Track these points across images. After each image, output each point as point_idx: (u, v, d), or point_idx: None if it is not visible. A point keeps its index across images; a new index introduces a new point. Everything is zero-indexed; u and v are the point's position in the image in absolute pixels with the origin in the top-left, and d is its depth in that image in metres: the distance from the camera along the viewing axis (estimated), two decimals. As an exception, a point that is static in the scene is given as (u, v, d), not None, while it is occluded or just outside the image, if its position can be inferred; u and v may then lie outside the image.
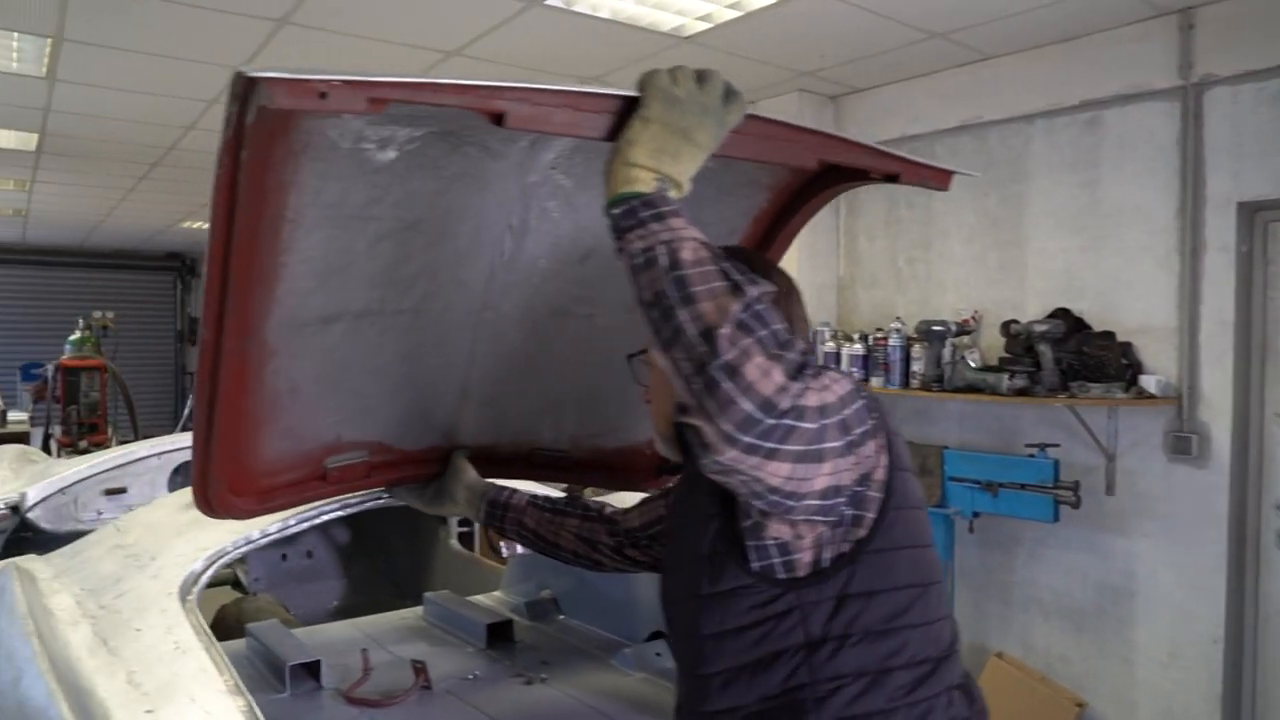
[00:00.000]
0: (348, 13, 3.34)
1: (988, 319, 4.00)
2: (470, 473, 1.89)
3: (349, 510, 2.00)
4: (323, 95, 0.93)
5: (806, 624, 1.13)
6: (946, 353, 3.86)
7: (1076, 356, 3.51)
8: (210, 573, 1.75)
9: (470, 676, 2.05)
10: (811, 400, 0.98)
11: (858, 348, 4.14)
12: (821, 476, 1.03)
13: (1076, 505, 3.52)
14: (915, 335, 3.97)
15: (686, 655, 1.26)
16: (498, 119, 1.05)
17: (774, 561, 1.14)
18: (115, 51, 3.82)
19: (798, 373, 0.96)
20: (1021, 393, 3.53)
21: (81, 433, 6.30)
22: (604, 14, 3.38)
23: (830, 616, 1.12)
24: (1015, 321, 3.69)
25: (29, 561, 1.98)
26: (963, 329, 3.90)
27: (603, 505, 1.77)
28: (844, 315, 4.62)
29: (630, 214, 1.06)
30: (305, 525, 1.99)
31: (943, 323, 3.84)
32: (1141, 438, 3.50)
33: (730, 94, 1.14)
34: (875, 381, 4.02)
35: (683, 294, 0.97)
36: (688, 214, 1.07)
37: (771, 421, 0.94)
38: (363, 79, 0.95)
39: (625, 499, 2.43)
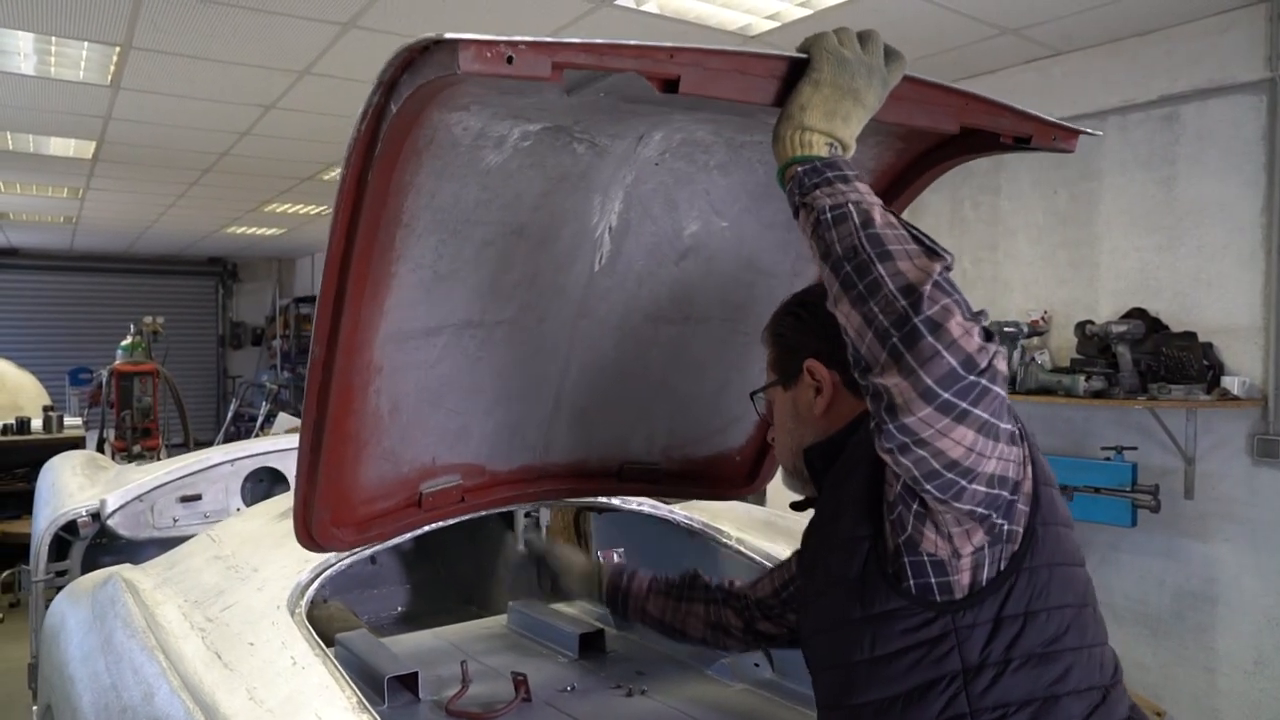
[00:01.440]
0: (417, 14, 3.33)
1: (1057, 319, 3.92)
2: (578, 562, 1.90)
3: None
4: (509, 60, 0.90)
5: (962, 650, 1.08)
6: (1017, 354, 3.78)
7: (1154, 357, 3.43)
8: (318, 584, 1.73)
9: (568, 688, 2.01)
10: (1001, 365, 0.99)
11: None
12: (994, 459, 1.02)
13: (1156, 510, 3.44)
14: (983, 336, 3.90)
15: (833, 686, 1.21)
16: (672, 85, 1.02)
17: (930, 581, 1.09)
18: (180, 58, 3.85)
19: (989, 338, 0.98)
20: (1098, 395, 3.45)
21: (135, 437, 6.36)
22: (670, 13, 3.35)
23: (987, 641, 1.08)
24: (1090, 322, 3.61)
25: (128, 571, 1.97)
26: (1034, 330, 3.82)
27: (725, 582, 1.73)
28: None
29: (815, 172, 1.06)
30: None
31: (1015, 324, 3.77)
32: (1222, 440, 3.40)
33: (891, 53, 1.13)
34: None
35: (879, 250, 0.98)
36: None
37: (971, 379, 0.94)
38: (548, 41, 0.92)
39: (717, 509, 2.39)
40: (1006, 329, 3.77)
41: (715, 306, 1.81)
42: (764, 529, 2.38)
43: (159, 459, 6.74)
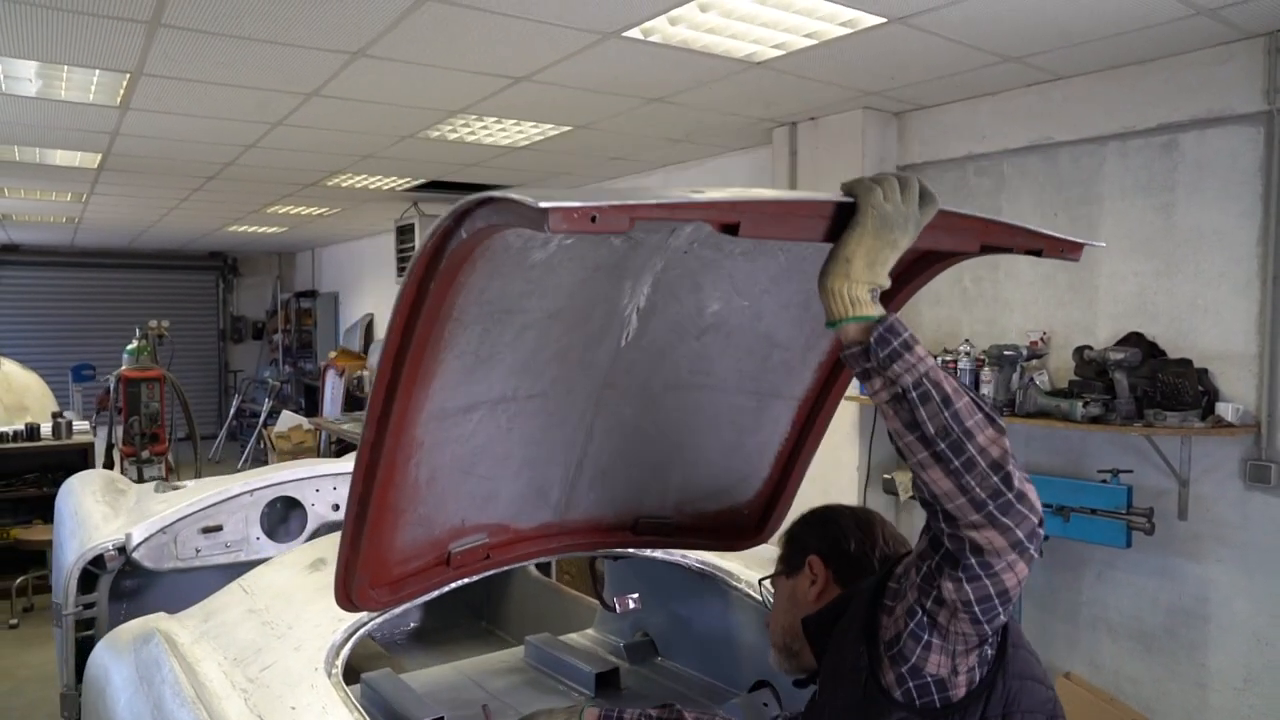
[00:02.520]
0: (422, 42, 3.37)
1: (1056, 340, 3.99)
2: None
3: None
4: (593, 219, 0.97)
5: None
6: (1016, 376, 3.86)
7: (1150, 382, 3.50)
8: (351, 645, 1.80)
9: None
10: None
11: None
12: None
13: (1150, 532, 3.53)
14: (984, 357, 3.97)
15: None
16: (733, 229, 1.10)
17: (933, 696, 1.27)
18: (190, 84, 3.88)
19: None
20: (1096, 420, 3.53)
21: (144, 443, 6.43)
22: (676, 43, 3.39)
23: None
24: (1089, 347, 3.68)
25: (164, 622, 2.04)
26: (1033, 352, 3.89)
27: (704, 715, 1.82)
28: (905, 331, 4.61)
29: (883, 342, 1.15)
30: None
31: (1014, 347, 3.84)
32: (1216, 464, 3.49)
33: (925, 196, 1.22)
34: (942, 402, 4.02)
35: (963, 429, 1.12)
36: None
37: (1042, 531, 1.16)
38: (626, 204, 1.00)
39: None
40: (1006, 352, 3.85)
41: (731, 375, 1.89)
42: (773, 566, 2.46)
43: (166, 460, 6.82)
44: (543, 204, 0.95)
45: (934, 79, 3.87)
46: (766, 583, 1.75)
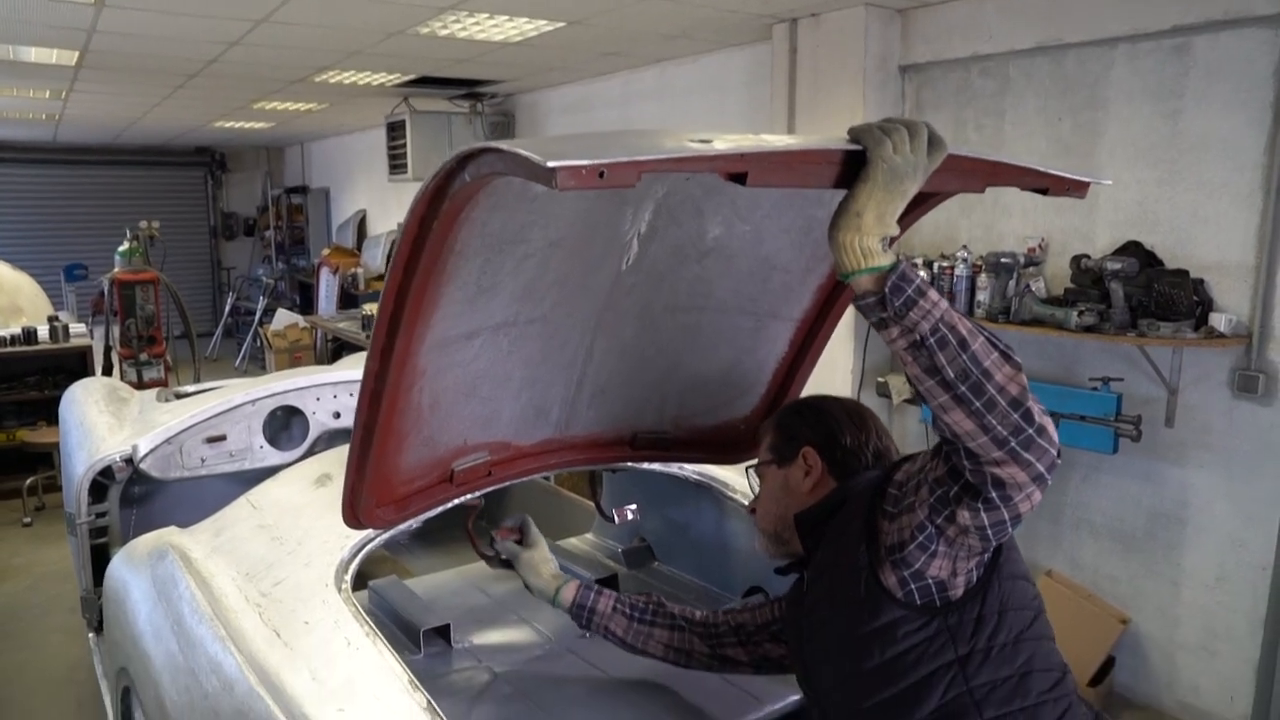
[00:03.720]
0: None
1: (1053, 247, 3.98)
2: (542, 574, 1.96)
3: None
4: (601, 175, 0.97)
5: (955, 643, 1.32)
6: (1012, 283, 3.86)
7: (1146, 292, 3.51)
8: (358, 561, 1.87)
9: (584, 634, 2.18)
10: None
11: (922, 274, 4.13)
12: None
13: (1137, 439, 3.60)
14: (981, 264, 3.96)
15: (846, 698, 1.41)
16: (740, 179, 1.10)
17: (934, 597, 1.33)
18: (169, -21, 3.73)
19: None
20: (1090, 329, 3.55)
21: (141, 345, 6.45)
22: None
23: (972, 634, 1.33)
24: (1086, 256, 3.67)
25: (175, 536, 2.11)
26: (1030, 259, 3.88)
27: (685, 610, 1.86)
28: (905, 237, 4.57)
29: (897, 290, 1.15)
30: None
31: (1011, 255, 3.83)
32: (1205, 373, 3.53)
33: (934, 143, 1.20)
34: (937, 310, 4.04)
35: (981, 369, 1.14)
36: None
37: (1059, 461, 1.20)
38: (635, 160, 0.99)
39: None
40: (1003, 259, 3.84)
41: (731, 297, 1.89)
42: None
43: (165, 360, 6.86)
44: (551, 163, 0.94)
45: (942, -25, 3.73)
46: (753, 470, 1.76)
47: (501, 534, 2.01)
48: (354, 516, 1.69)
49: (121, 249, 6.89)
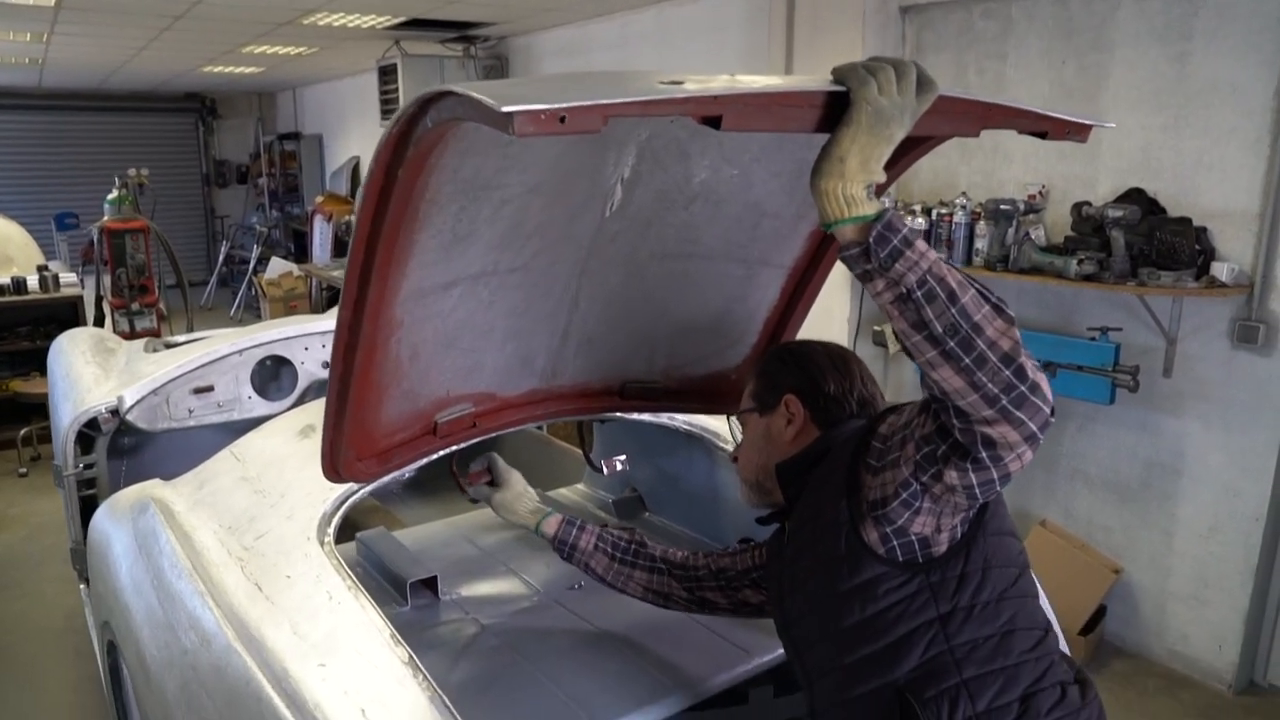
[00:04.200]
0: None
1: (1054, 194, 3.90)
2: (522, 505, 1.94)
3: None
4: (562, 120, 0.92)
5: (937, 600, 1.29)
6: (1011, 231, 3.80)
7: (1147, 240, 3.45)
8: (341, 514, 1.85)
9: (575, 586, 2.18)
10: None
11: (920, 221, 4.07)
12: None
13: (1134, 389, 3.57)
14: (980, 211, 3.89)
15: (825, 654, 1.38)
16: (715, 122, 1.04)
17: (916, 554, 1.30)
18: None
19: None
20: (1089, 278, 3.50)
21: (133, 295, 6.39)
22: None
23: (955, 592, 1.29)
24: (1087, 204, 3.60)
25: (158, 489, 2.08)
26: (1030, 207, 3.81)
27: (666, 552, 1.84)
28: (904, 183, 4.51)
29: (882, 240, 1.10)
30: None
31: (1011, 202, 3.76)
32: (1205, 323, 3.49)
33: (923, 84, 1.13)
34: (935, 259, 3.98)
35: (971, 323, 1.08)
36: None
37: (1053, 419, 1.14)
38: (598, 103, 0.94)
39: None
40: (1003, 206, 3.77)
41: (720, 244, 1.84)
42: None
43: (158, 309, 6.81)
44: (505, 108, 0.88)
45: (946, -90, 3.60)
46: (735, 419, 1.71)
47: (471, 480, 1.98)
48: (334, 470, 1.67)
49: (110, 197, 6.78)
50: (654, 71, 1.12)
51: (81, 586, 2.93)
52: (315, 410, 2.45)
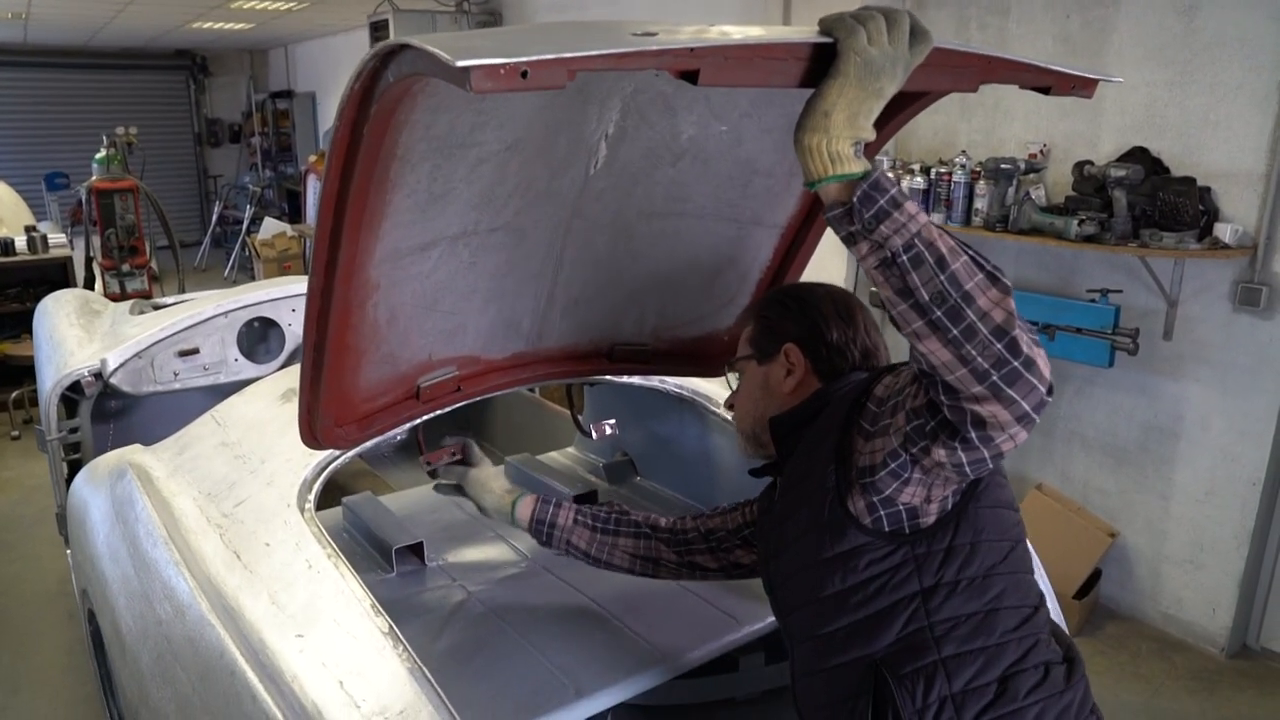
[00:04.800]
0: None
1: (1056, 153, 3.83)
2: (493, 492, 1.86)
3: None
4: (524, 75, 0.87)
5: (920, 574, 1.24)
6: (1011, 191, 3.73)
7: (1150, 201, 3.38)
8: (322, 480, 1.81)
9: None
10: None
11: (919, 181, 3.99)
12: None
13: (1134, 352, 3.53)
14: (980, 170, 3.82)
15: (805, 621, 1.34)
16: (691, 76, 0.98)
17: (903, 524, 1.25)
18: None
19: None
20: (1090, 239, 3.44)
21: (123, 256, 6.32)
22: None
23: (940, 566, 1.24)
24: (1089, 163, 3.53)
25: (137, 455, 2.05)
26: (1031, 166, 3.73)
27: (650, 518, 1.77)
28: (902, 141, 4.42)
29: (868, 200, 1.03)
30: None
31: (1011, 161, 3.68)
32: (1207, 285, 3.44)
33: (916, 34, 1.07)
34: (936, 217, 3.90)
35: (961, 293, 1.02)
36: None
37: (1050, 399, 1.06)
38: (562, 56, 0.88)
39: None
40: (1003, 166, 3.70)
41: (710, 202, 1.79)
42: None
43: (150, 270, 6.73)
44: (461, 61, 0.82)
45: None
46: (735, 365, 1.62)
47: (437, 455, 1.88)
48: (312, 436, 1.63)
49: (99, 156, 6.67)
50: (627, 21, 1.06)
51: (68, 552, 2.91)
52: (298, 374, 2.41)
